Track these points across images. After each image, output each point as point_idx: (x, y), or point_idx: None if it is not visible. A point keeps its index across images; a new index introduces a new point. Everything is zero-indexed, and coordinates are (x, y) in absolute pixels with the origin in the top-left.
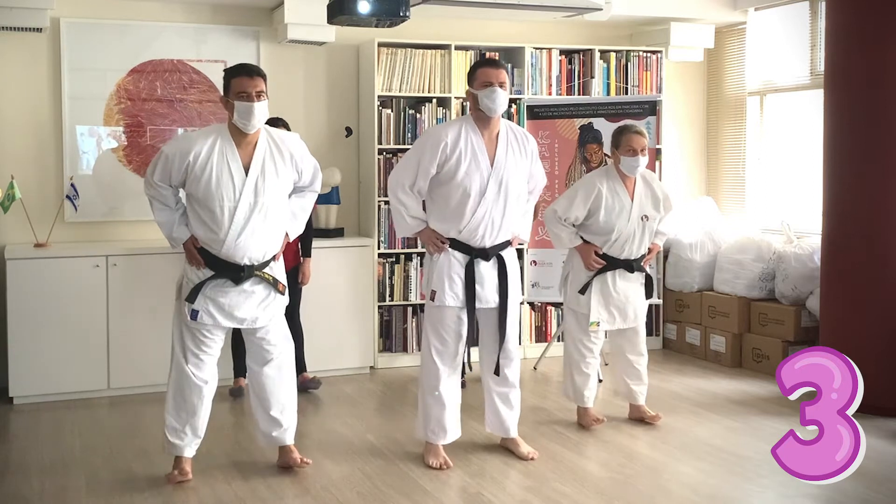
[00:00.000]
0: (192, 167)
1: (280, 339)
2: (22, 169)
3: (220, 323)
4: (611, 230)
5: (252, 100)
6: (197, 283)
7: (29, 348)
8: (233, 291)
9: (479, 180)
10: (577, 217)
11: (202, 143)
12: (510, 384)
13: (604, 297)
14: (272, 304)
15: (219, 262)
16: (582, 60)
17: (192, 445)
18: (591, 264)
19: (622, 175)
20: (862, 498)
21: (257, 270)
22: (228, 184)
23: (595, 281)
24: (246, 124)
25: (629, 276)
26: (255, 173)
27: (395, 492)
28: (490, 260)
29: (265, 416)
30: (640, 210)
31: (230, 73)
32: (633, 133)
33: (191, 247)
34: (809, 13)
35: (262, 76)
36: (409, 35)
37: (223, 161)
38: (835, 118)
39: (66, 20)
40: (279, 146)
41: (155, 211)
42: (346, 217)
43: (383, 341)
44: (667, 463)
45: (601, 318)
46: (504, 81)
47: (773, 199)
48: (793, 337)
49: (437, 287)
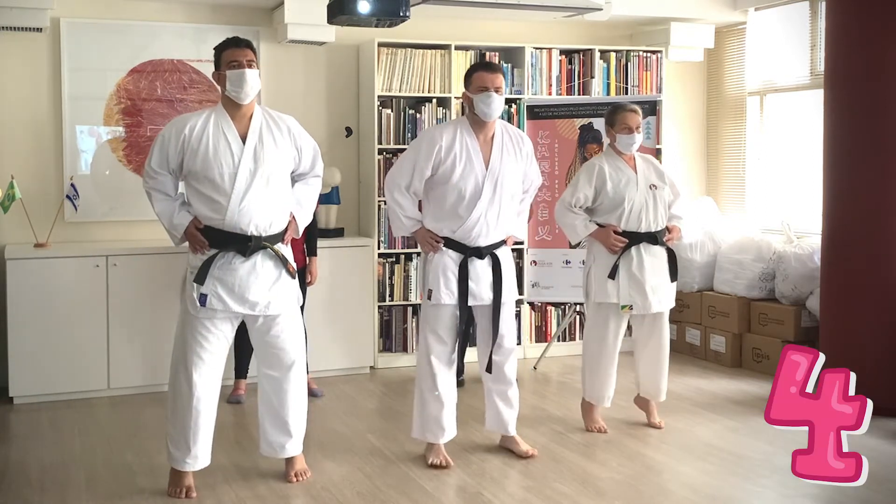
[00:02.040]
0: (189, 140)
1: (292, 341)
2: (22, 169)
3: (230, 307)
4: (621, 200)
5: (243, 67)
6: (204, 262)
7: (29, 348)
8: (241, 269)
9: (475, 182)
10: (585, 197)
11: (196, 118)
12: (508, 381)
13: (632, 280)
14: (283, 289)
15: (225, 235)
16: (582, 60)
17: (189, 460)
18: (614, 244)
19: (619, 153)
20: (862, 498)
21: (265, 242)
22: (226, 151)
23: (622, 263)
24: (239, 92)
25: (654, 251)
26: (253, 141)
27: (395, 492)
28: (484, 258)
29: (275, 425)
30: (646, 180)
31: (220, 48)
32: (627, 111)
33: (193, 230)
34: (809, 13)
35: (251, 48)
36: (409, 35)
37: (219, 132)
38: (834, 118)
39: (66, 20)
40: (276, 120)
41: (154, 203)
42: (346, 217)
43: (383, 341)
44: (667, 463)
45: (634, 301)
46: (500, 86)
47: (773, 199)
48: (793, 337)
49: (432, 285)
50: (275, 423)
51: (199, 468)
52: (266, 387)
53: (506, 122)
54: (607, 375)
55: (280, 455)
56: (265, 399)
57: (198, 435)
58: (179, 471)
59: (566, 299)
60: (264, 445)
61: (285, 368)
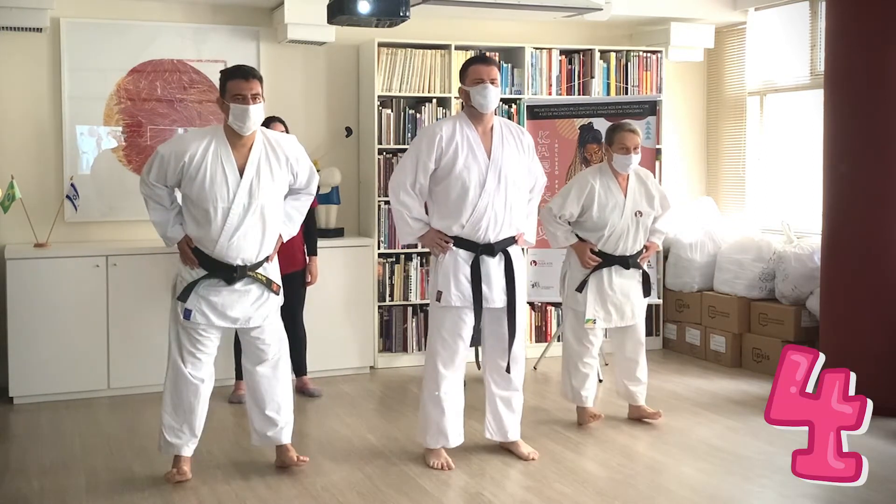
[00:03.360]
0: (188, 168)
1: (274, 339)
2: (22, 169)
3: (212, 322)
4: (604, 226)
5: (248, 102)
6: (190, 283)
7: (29, 348)
8: (225, 291)
9: (478, 172)
10: (571, 213)
11: (197, 145)
12: (514, 387)
13: (600, 294)
14: (266, 304)
15: (212, 261)
16: (582, 60)
17: (189, 445)
18: (587, 262)
19: (615, 172)
20: (862, 498)
21: (250, 271)
22: (223, 185)
23: (592, 278)
24: (241, 127)
25: (626, 273)
26: (251, 175)
27: (395, 492)
28: (496, 256)
29: (260, 416)
30: (634, 206)
31: (226, 76)
32: (626, 131)
33: (185, 246)
34: (809, 13)
35: (258, 78)
36: (409, 35)
37: (217, 162)
38: (835, 118)
39: (66, 20)
40: (275, 149)
41: (150, 210)
42: (346, 217)
43: (383, 341)
44: (667, 463)
45: (598, 315)
46: (495, 78)
47: (773, 199)
48: (793, 337)
49: (443, 287)
50: (262, 415)
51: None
52: (251, 381)
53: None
54: (584, 377)
55: (268, 444)
56: (251, 393)
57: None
58: (181, 457)
59: None
60: (254, 436)
61: (269, 365)
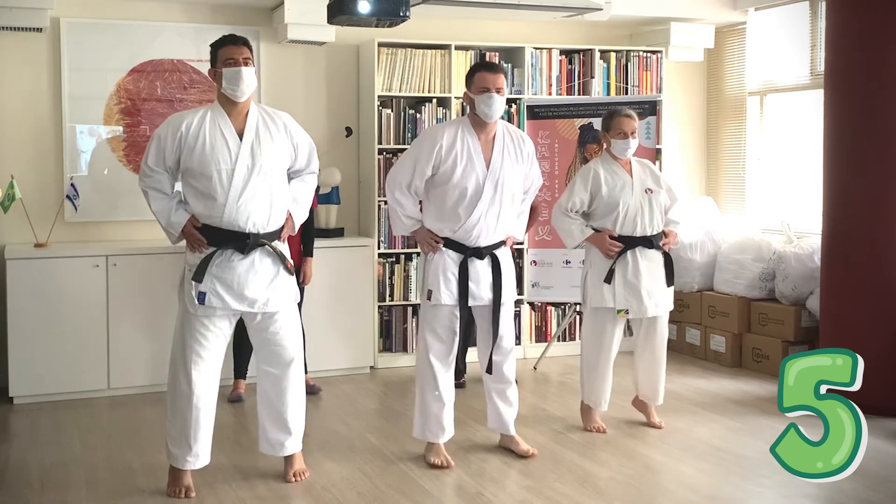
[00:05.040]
0: (185, 138)
1: (293, 339)
2: (22, 169)
3: (229, 305)
4: (616, 204)
5: (240, 65)
6: (203, 259)
7: (29, 348)
8: (239, 267)
9: (475, 182)
10: (581, 201)
11: (193, 116)
12: (506, 380)
13: (628, 285)
14: (281, 285)
15: (222, 233)
16: (582, 60)
17: (189, 458)
18: (609, 248)
19: (616, 158)
20: (862, 498)
21: (263, 239)
22: (223, 148)
23: (618, 267)
24: (235, 90)
25: (650, 255)
26: (250, 137)
27: (395, 492)
28: (484, 259)
29: (274, 422)
30: (642, 184)
31: (216, 45)
32: (622, 116)
33: (191, 228)
34: (809, 13)
35: (247, 45)
36: (409, 35)
37: (216, 129)
38: (835, 118)
39: (66, 20)
40: (272, 116)
41: (151, 201)
42: (346, 217)
43: (383, 341)
44: (667, 463)
45: (630, 305)
46: (501, 87)
47: (773, 199)
48: (793, 337)
49: (432, 286)
50: (274, 421)
51: (199, 467)
52: (265, 384)
53: (507, 122)
54: (603, 380)
55: (279, 453)
56: (264, 396)
57: (198, 433)
58: (179, 470)
59: (566, 299)
60: (263, 443)
61: (284, 365)
